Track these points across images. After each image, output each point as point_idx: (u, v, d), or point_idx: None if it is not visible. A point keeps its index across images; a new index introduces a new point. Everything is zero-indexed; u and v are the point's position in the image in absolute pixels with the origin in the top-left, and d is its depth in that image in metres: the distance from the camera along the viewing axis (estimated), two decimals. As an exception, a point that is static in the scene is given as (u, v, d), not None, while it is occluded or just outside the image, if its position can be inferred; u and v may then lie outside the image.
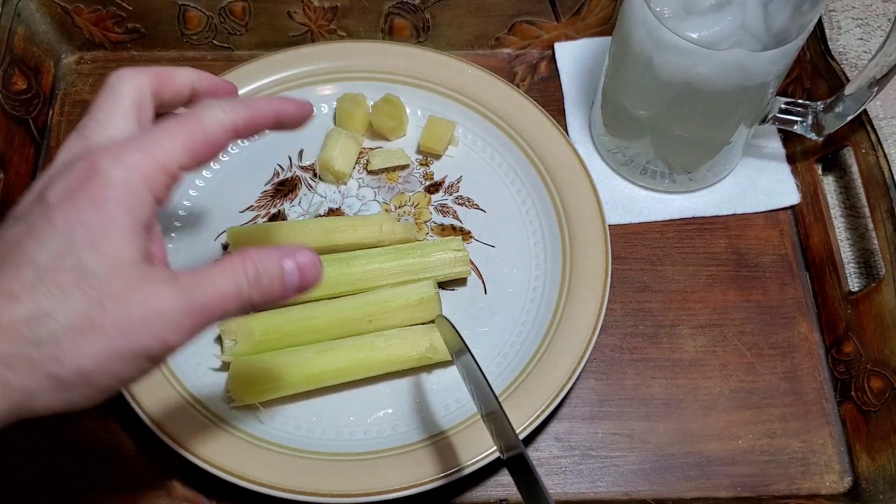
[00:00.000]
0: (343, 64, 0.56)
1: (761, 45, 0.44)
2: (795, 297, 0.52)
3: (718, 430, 0.48)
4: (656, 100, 0.49)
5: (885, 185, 0.48)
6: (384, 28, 0.60)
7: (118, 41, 0.59)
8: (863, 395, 0.47)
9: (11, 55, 0.54)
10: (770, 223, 0.54)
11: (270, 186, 0.54)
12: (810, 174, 0.55)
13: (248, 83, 0.55)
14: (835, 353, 0.50)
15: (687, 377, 0.49)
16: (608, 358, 0.50)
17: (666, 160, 0.53)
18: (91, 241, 0.29)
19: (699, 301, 0.52)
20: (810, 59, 0.55)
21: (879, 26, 0.62)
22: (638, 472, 0.47)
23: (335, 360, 0.45)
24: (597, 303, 0.47)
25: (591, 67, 0.59)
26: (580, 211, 0.51)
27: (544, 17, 0.59)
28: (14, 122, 0.54)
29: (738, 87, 0.45)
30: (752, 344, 0.50)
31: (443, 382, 0.47)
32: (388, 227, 0.50)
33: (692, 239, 0.54)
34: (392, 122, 0.54)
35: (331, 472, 0.43)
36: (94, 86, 0.58)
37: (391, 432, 0.45)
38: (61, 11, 0.57)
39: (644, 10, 0.44)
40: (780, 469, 0.47)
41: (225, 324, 0.46)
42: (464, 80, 0.55)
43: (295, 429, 0.45)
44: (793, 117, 0.52)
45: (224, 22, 0.59)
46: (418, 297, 0.47)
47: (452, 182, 0.54)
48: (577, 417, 0.48)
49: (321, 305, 0.47)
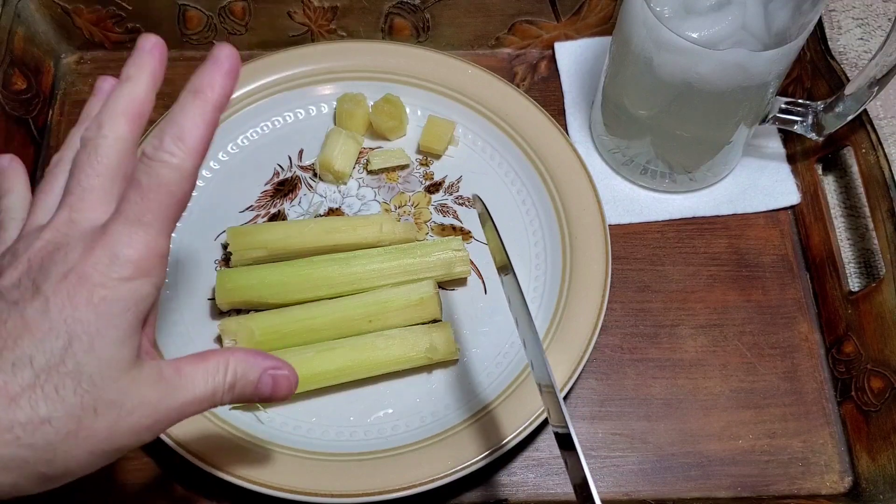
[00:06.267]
0: (343, 64, 0.56)
1: (761, 45, 0.44)
2: (796, 297, 0.52)
3: (718, 430, 0.48)
4: (656, 100, 0.49)
5: (886, 185, 0.48)
6: (384, 28, 0.59)
7: (118, 41, 0.59)
8: (863, 395, 0.47)
9: (11, 55, 0.54)
10: (770, 223, 0.54)
11: (270, 186, 0.54)
12: (810, 174, 0.55)
13: (248, 83, 0.55)
14: (835, 353, 0.50)
15: (687, 377, 0.49)
16: (608, 358, 0.50)
17: (666, 160, 0.53)
18: (89, 344, 0.29)
19: (699, 301, 0.52)
20: (810, 59, 0.55)
21: (880, 26, 0.62)
22: (638, 472, 0.47)
23: (335, 360, 0.45)
24: (597, 303, 0.47)
25: (591, 67, 0.59)
26: (580, 211, 0.51)
27: (544, 17, 0.59)
28: (14, 122, 0.54)
29: (739, 87, 0.45)
30: (752, 344, 0.50)
31: (443, 382, 0.47)
32: (388, 227, 0.50)
33: (692, 239, 0.54)
34: (392, 121, 0.54)
35: (331, 472, 0.43)
36: (94, 86, 0.58)
37: (391, 432, 0.45)
38: (61, 11, 0.57)
39: (644, 10, 0.44)
40: (780, 469, 0.47)
41: (225, 323, 0.46)
42: (464, 79, 0.55)
43: (295, 429, 0.45)
44: (793, 117, 0.52)
45: (224, 22, 0.59)
46: (418, 297, 0.47)
47: (452, 182, 0.54)
48: (577, 417, 0.48)
49: (321, 305, 0.47)
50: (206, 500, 0.45)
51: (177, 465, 0.44)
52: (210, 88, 0.31)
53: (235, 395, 0.34)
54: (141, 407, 0.30)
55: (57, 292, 0.29)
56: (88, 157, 0.32)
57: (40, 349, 0.28)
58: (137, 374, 0.30)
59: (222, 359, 0.33)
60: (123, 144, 0.32)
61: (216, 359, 0.33)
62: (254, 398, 0.35)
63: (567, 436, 0.33)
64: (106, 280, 0.29)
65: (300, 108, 0.56)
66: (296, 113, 0.56)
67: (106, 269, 0.30)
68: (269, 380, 0.35)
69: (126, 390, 0.30)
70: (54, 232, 0.31)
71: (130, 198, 0.31)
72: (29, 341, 0.29)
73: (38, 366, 0.28)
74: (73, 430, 0.29)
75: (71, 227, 0.31)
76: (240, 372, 0.34)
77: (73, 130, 0.37)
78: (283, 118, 0.56)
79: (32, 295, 0.29)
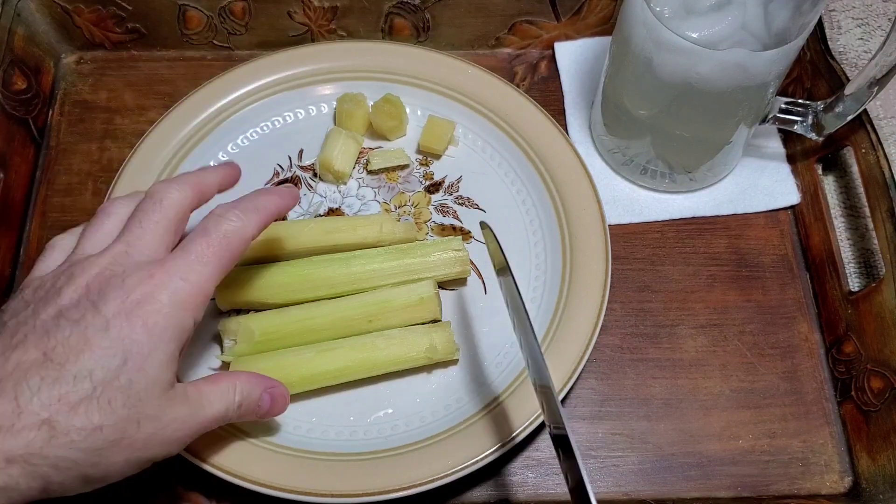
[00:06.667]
0: (343, 64, 0.56)
1: (761, 45, 0.44)
2: (795, 297, 0.52)
3: (718, 430, 0.48)
4: (656, 100, 0.49)
5: (885, 184, 0.48)
6: (384, 28, 0.59)
7: (118, 41, 0.59)
8: (863, 395, 0.47)
9: (11, 55, 0.54)
10: (770, 223, 0.54)
11: (270, 186, 0.54)
12: (810, 174, 0.55)
13: (248, 83, 0.55)
14: (835, 353, 0.50)
15: (687, 377, 0.49)
16: (608, 358, 0.50)
17: (666, 160, 0.53)
18: (141, 364, 0.33)
19: (699, 301, 0.52)
20: (810, 59, 0.55)
21: (879, 26, 0.62)
22: (638, 472, 0.47)
23: (336, 360, 0.45)
24: (597, 303, 0.47)
25: (591, 67, 0.59)
26: (580, 211, 0.51)
27: (544, 17, 0.59)
28: (14, 122, 0.54)
29: (739, 87, 0.45)
30: (752, 344, 0.50)
31: (443, 382, 0.47)
32: (389, 226, 0.50)
33: (692, 239, 0.54)
34: (392, 121, 0.54)
35: (331, 472, 0.43)
36: (95, 86, 0.59)
37: (391, 432, 0.45)
38: (61, 11, 0.57)
39: (644, 10, 0.44)
40: (780, 469, 0.47)
41: (225, 323, 0.46)
42: (464, 79, 0.55)
43: (295, 429, 0.45)
44: (793, 117, 0.52)
45: (224, 22, 0.59)
46: (418, 297, 0.47)
47: (452, 182, 0.54)
48: (577, 417, 0.48)
49: (321, 305, 0.47)
50: (206, 500, 0.45)
51: (177, 465, 0.44)
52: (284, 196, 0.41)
53: (241, 412, 0.39)
54: (174, 423, 0.35)
55: (117, 315, 0.33)
56: (153, 206, 0.37)
57: (100, 364, 0.32)
58: (173, 394, 0.35)
59: (231, 381, 0.39)
60: (183, 203, 0.38)
61: (226, 381, 0.39)
62: (255, 414, 0.41)
63: (564, 437, 0.34)
64: (161, 307, 0.34)
65: (300, 108, 0.56)
66: (296, 113, 0.56)
67: (163, 297, 0.34)
68: (267, 397, 0.41)
69: (164, 407, 0.34)
70: (111, 260, 0.35)
71: (196, 240, 0.37)
72: (89, 357, 0.32)
73: (96, 379, 0.32)
74: (118, 439, 0.33)
75: (127, 259, 0.35)
76: (245, 392, 0.39)
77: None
78: (283, 118, 0.56)
79: (93, 315, 0.33)
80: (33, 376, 0.32)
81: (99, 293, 0.34)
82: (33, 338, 0.33)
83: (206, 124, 0.54)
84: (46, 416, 0.31)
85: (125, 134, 0.57)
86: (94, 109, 0.58)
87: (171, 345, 0.34)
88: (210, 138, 0.54)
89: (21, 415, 0.31)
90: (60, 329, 0.33)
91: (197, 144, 0.53)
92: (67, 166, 0.56)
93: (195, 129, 0.53)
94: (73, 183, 0.55)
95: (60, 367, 0.32)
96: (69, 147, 0.56)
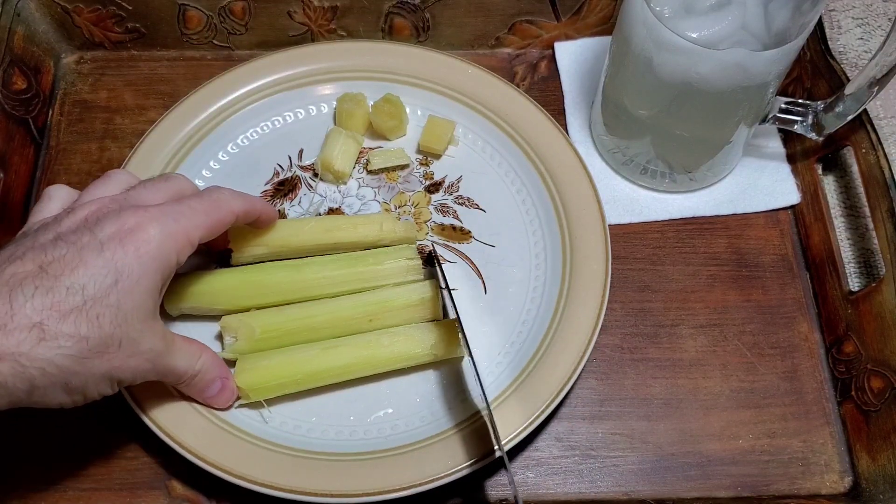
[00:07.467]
0: (343, 64, 0.56)
1: (761, 44, 0.44)
2: (795, 297, 0.52)
3: (718, 430, 0.48)
4: (656, 99, 0.49)
5: (885, 184, 0.48)
6: (384, 28, 0.60)
7: (118, 41, 0.59)
8: (863, 394, 0.47)
9: (11, 55, 0.54)
10: (770, 223, 0.54)
11: (270, 186, 0.54)
12: (810, 174, 0.55)
13: (248, 83, 0.55)
14: (835, 352, 0.50)
15: (687, 377, 0.49)
16: (608, 358, 0.50)
17: (666, 160, 0.53)
18: (130, 287, 0.36)
19: (699, 301, 0.52)
20: (810, 59, 0.55)
21: (879, 26, 0.62)
22: (638, 472, 0.47)
23: (340, 357, 0.45)
24: (597, 303, 0.47)
25: (591, 67, 0.59)
26: (580, 211, 0.51)
27: (544, 17, 0.59)
28: (14, 122, 0.54)
29: (738, 86, 0.45)
30: (752, 344, 0.50)
31: (444, 382, 0.47)
32: (389, 225, 0.50)
33: (692, 239, 0.54)
34: (392, 121, 0.54)
35: (331, 472, 0.43)
36: (94, 85, 0.58)
37: (391, 432, 0.45)
38: (61, 11, 0.57)
39: (644, 10, 0.44)
40: (780, 469, 0.47)
41: (226, 320, 0.46)
42: (464, 79, 0.55)
43: (295, 429, 0.45)
44: (793, 117, 0.52)
45: (224, 21, 0.59)
46: (419, 298, 0.47)
47: (452, 182, 0.54)
48: (577, 417, 0.48)
49: (321, 304, 0.47)
50: (206, 500, 0.45)
51: (177, 465, 0.45)
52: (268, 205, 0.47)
53: (194, 382, 0.42)
54: (149, 352, 0.37)
55: (111, 239, 0.36)
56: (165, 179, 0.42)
57: (92, 281, 0.34)
58: (153, 325, 0.38)
59: (199, 349, 0.42)
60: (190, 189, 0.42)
61: (197, 347, 0.42)
62: (203, 394, 0.43)
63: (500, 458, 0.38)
64: (151, 238, 0.36)
65: (300, 108, 0.56)
66: (296, 113, 0.56)
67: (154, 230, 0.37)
68: (219, 384, 0.43)
69: (144, 333, 0.37)
70: (110, 200, 0.38)
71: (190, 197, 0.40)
72: (83, 272, 0.34)
73: (87, 294, 0.34)
74: (101, 352, 0.35)
75: (126, 200, 0.38)
76: (206, 367, 0.42)
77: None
78: (283, 118, 0.56)
79: (89, 238, 0.36)
80: (28, 285, 0.34)
81: (97, 222, 0.36)
82: (31, 254, 0.35)
83: (206, 124, 0.54)
84: (38, 320, 0.33)
85: (125, 134, 0.57)
86: (94, 109, 0.58)
87: (157, 275, 0.37)
88: (210, 138, 0.54)
89: (14, 316, 0.33)
90: (57, 248, 0.35)
91: (197, 144, 0.53)
92: (67, 166, 0.56)
93: (195, 129, 0.54)
94: (73, 183, 0.54)
95: (55, 278, 0.34)
96: (69, 147, 0.56)
